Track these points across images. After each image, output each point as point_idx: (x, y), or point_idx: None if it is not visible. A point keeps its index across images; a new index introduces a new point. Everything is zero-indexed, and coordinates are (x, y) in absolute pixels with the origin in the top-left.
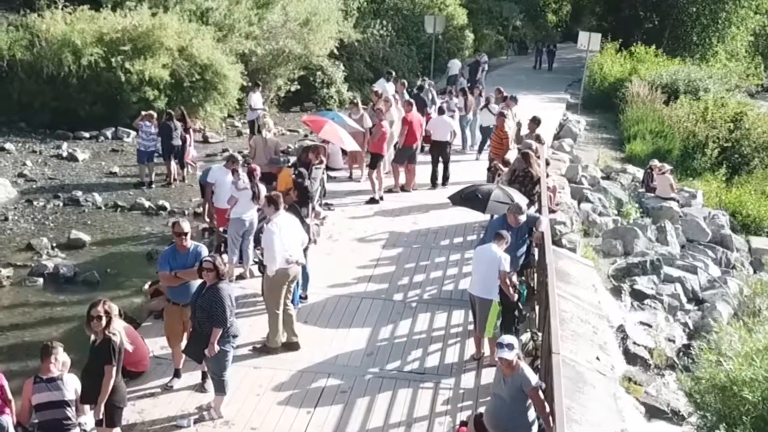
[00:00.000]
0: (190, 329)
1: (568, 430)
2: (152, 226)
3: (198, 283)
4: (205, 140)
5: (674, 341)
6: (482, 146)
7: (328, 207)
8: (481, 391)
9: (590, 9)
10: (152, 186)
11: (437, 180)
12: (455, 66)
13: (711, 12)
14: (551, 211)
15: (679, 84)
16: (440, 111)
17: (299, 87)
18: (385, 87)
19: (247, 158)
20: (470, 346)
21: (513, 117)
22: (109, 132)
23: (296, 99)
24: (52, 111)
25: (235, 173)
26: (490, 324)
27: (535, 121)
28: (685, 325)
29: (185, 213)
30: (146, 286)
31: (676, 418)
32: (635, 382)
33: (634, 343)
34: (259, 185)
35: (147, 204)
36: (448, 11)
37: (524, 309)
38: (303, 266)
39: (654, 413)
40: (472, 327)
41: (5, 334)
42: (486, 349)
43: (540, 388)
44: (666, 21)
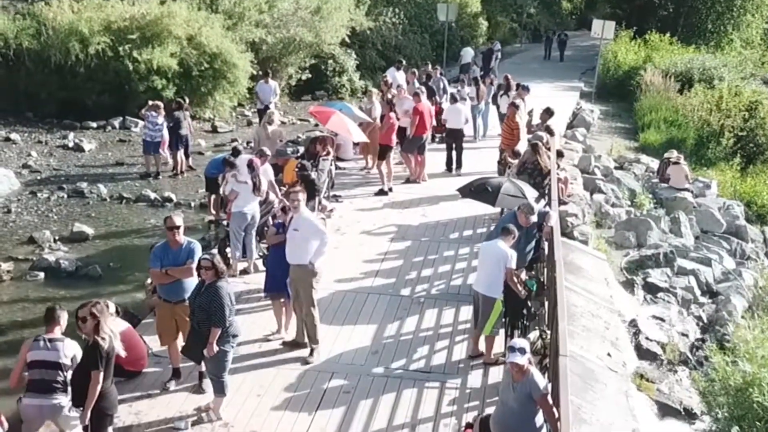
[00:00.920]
0: (189, 328)
1: None
2: (157, 219)
3: (196, 281)
4: (214, 130)
5: (687, 336)
6: None
7: (336, 199)
8: (488, 392)
9: None
10: (159, 177)
11: (452, 165)
12: (468, 54)
13: (726, 0)
14: (562, 203)
15: (694, 72)
16: (452, 99)
17: (310, 75)
18: (396, 76)
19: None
20: (481, 345)
21: (524, 107)
22: (117, 122)
23: (308, 88)
24: (59, 101)
25: (234, 166)
26: (490, 323)
27: (548, 112)
28: (699, 319)
29: (191, 205)
30: (148, 281)
31: (689, 417)
32: (647, 379)
33: (647, 338)
34: (261, 177)
35: (153, 195)
36: None
37: (534, 305)
38: None
39: (666, 411)
40: (472, 324)
41: (4, 330)
42: (482, 347)
43: (547, 393)
44: (681, 9)
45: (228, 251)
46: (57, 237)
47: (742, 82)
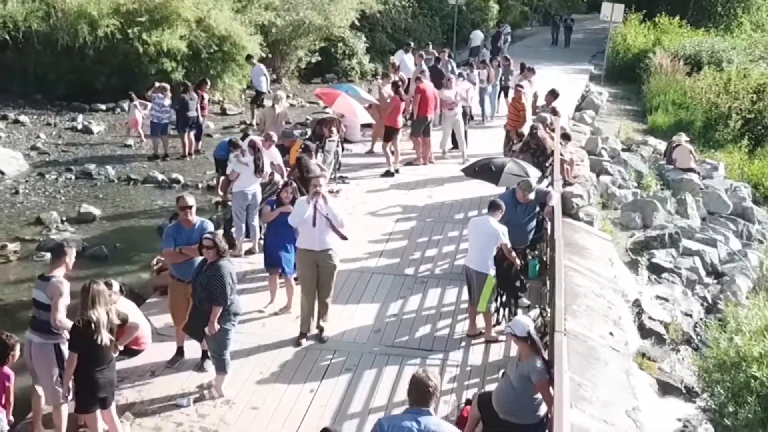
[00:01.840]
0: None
1: (577, 409)
2: (164, 200)
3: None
4: (223, 112)
5: (691, 316)
6: None
7: (343, 180)
8: (489, 369)
9: None
10: (167, 159)
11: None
12: (478, 37)
13: None
14: (568, 184)
15: (703, 55)
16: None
17: (320, 58)
18: (404, 59)
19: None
20: (480, 323)
21: (530, 88)
22: (126, 104)
23: (317, 71)
24: (68, 83)
25: (238, 147)
26: (484, 298)
27: (553, 94)
28: (704, 299)
29: (198, 186)
30: (153, 261)
31: (690, 395)
32: (649, 358)
33: (650, 318)
34: (263, 158)
35: (160, 177)
36: None
37: (538, 283)
38: None
39: (667, 390)
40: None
41: (10, 311)
42: (480, 323)
43: (546, 380)
44: None
45: (233, 231)
46: (64, 218)
47: (751, 65)
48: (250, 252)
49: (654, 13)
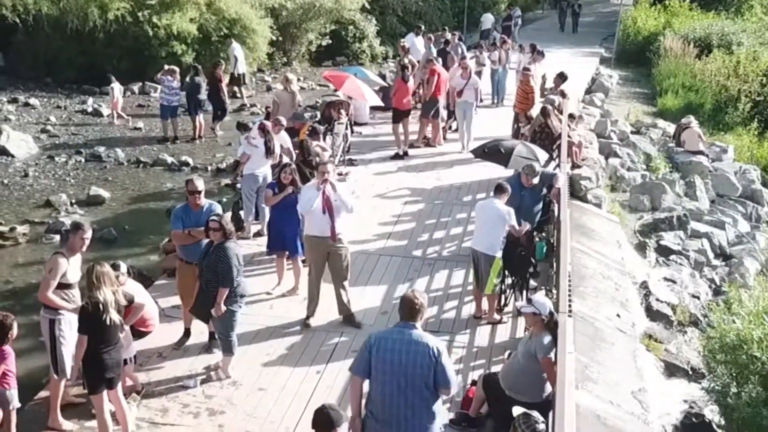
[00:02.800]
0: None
1: (584, 390)
2: (174, 182)
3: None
4: (234, 95)
5: (699, 298)
6: None
7: (351, 162)
8: (495, 351)
9: None
10: (176, 141)
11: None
12: (488, 20)
13: None
14: (576, 167)
15: (713, 38)
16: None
17: (331, 41)
18: (414, 42)
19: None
20: (484, 305)
21: (537, 70)
22: (136, 87)
23: (328, 54)
24: (78, 66)
25: (248, 129)
26: (491, 280)
27: (561, 77)
28: (712, 281)
29: (207, 169)
30: (162, 244)
31: (696, 376)
32: (656, 340)
33: (657, 300)
34: (274, 140)
35: (170, 160)
36: None
37: (545, 265)
38: None
39: (673, 371)
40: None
41: (19, 293)
42: (485, 305)
43: (551, 358)
44: None
45: (242, 214)
46: (73, 200)
47: (761, 48)
48: (259, 234)
49: None
